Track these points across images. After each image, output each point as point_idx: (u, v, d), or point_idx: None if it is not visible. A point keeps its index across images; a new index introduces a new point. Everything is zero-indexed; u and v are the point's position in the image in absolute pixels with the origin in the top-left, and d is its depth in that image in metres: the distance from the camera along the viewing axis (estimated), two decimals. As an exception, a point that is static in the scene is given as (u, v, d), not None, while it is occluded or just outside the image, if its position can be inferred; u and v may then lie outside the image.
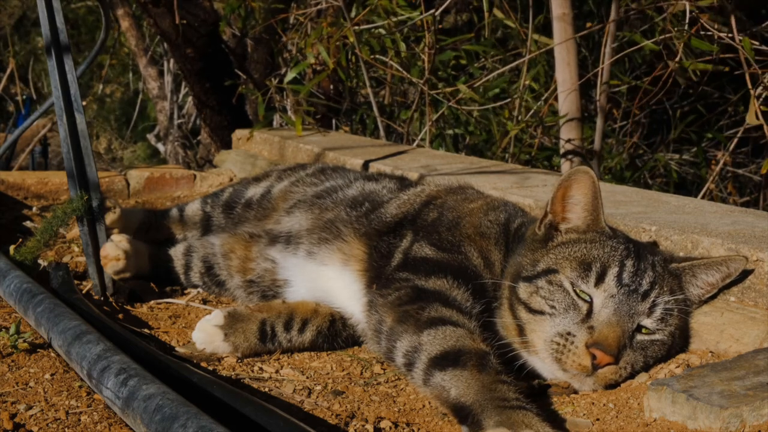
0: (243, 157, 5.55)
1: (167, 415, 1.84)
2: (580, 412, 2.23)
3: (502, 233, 2.71)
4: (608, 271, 2.38)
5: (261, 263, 3.09)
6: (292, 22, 6.68)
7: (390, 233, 2.82)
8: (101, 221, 3.23)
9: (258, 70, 6.94)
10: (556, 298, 2.38)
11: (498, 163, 4.61)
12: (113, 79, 11.84)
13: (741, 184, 7.07)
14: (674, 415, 2.03)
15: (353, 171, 3.63)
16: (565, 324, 2.34)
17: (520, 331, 2.43)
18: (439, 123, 6.20)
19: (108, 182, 5.12)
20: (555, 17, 4.95)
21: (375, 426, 2.14)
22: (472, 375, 2.10)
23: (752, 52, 3.85)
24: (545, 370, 2.39)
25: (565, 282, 2.39)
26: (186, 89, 8.48)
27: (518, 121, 5.47)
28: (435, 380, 2.15)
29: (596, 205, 2.49)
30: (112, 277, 3.22)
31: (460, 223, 2.75)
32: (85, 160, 3.19)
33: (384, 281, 2.60)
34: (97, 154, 10.69)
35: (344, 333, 2.81)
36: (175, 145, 8.36)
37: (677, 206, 3.15)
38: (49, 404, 2.16)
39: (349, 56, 5.99)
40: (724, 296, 2.51)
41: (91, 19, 11.53)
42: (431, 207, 2.93)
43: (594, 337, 2.28)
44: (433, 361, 2.19)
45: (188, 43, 6.16)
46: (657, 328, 2.38)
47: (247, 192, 3.60)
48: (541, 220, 2.58)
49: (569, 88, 4.95)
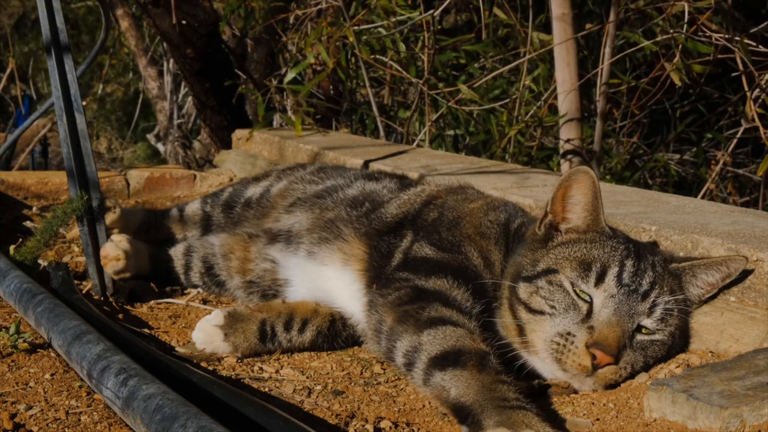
0: (243, 157, 5.55)
1: (167, 415, 1.84)
2: (580, 412, 2.23)
3: (502, 233, 2.71)
4: (608, 271, 2.38)
5: (260, 264, 3.09)
6: (292, 22, 6.68)
7: (390, 233, 2.82)
8: (101, 221, 3.23)
9: (258, 70, 6.94)
10: (556, 298, 2.38)
11: (498, 163, 4.61)
12: (113, 79, 11.84)
13: (741, 184, 7.06)
14: (674, 415, 2.03)
15: (353, 170, 3.63)
16: (565, 324, 2.34)
17: (520, 331, 2.43)
18: (439, 123, 6.20)
19: (108, 182, 5.12)
20: (554, 17, 4.94)
21: (375, 426, 2.14)
22: (472, 375, 2.10)
23: (748, 53, 3.85)
24: (545, 370, 2.39)
25: (565, 282, 2.39)
26: (186, 89, 8.48)
27: (518, 121, 5.47)
28: (435, 380, 2.15)
29: (596, 205, 2.49)
30: (112, 277, 3.22)
31: (461, 223, 2.75)
32: (85, 160, 3.19)
33: (384, 281, 2.60)
34: (98, 154, 10.69)
35: (344, 333, 2.81)
36: (175, 145, 8.36)
37: (677, 206, 3.15)
38: (49, 404, 2.16)
39: (348, 56, 5.99)
40: (724, 296, 2.51)
41: (91, 19, 11.53)
42: (431, 207, 2.93)
43: (594, 337, 2.28)
44: (433, 361, 2.19)
45: (188, 43, 6.16)
46: (657, 328, 2.38)
47: (247, 191, 3.60)
48: (541, 220, 2.58)
49: (569, 89, 4.95)
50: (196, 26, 6.12)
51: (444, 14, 7.43)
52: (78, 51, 11.43)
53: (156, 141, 9.54)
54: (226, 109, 6.60)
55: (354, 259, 2.80)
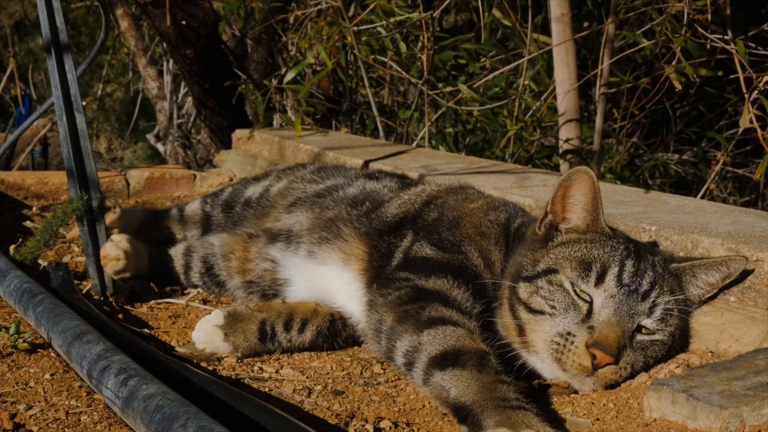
0: (243, 157, 5.55)
1: (167, 415, 1.84)
2: (580, 412, 2.23)
3: (502, 233, 2.71)
4: (608, 271, 2.38)
5: (260, 264, 3.09)
6: (292, 23, 6.68)
7: (390, 233, 2.82)
8: (101, 221, 3.23)
9: (258, 71, 6.93)
10: (557, 298, 2.38)
11: (498, 162, 4.61)
12: (113, 79, 11.84)
13: (741, 184, 7.06)
14: (674, 415, 2.03)
15: (354, 170, 3.63)
16: (565, 324, 2.34)
17: (520, 331, 2.43)
18: (439, 123, 6.20)
19: (108, 182, 5.12)
20: (553, 18, 4.95)
21: (375, 426, 2.14)
22: (471, 375, 2.10)
23: (746, 56, 3.84)
24: (545, 370, 2.39)
25: (565, 282, 2.39)
26: (186, 89, 8.47)
27: (517, 121, 5.47)
28: (435, 380, 2.15)
29: (596, 206, 2.49)
30: (112, 276, 3.22)
31: (461, 222, 2.76)
32: (85, 160, 3.19)
33: (384, 281, 2.60)
34: (98, 154, 10.69)
35: (344, 333, 2.81)
36: (175, 145, 8.35)
37: (677, 206, 3.15)
38: (49, 404, 2.16)
39: (348, 56, 5.98)
40: (724, 296, 2.51)
41: (91, 19, 11.52)
42: (432, 207, 2.93)
43: (594, 338, 2.28)
44: (433, 361, 2.19)
45: (187, 43, 6.15)
46: (657, 328, 2.38)
47: (247, 191, 3.60)
48: (542, 220, 2.58)
49: (568, 89, 4.95)
50: (196, 27, 6.11)
51: (444, 14, 7.42)
52: (78, 51, 11.42)
53: (156, 141, 9.53)
54: (226, 110, 6.59)
55: (354, 259, 2.80)
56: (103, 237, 3.23)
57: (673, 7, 4.30)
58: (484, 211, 2.81)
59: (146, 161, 10.30)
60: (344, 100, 6.77)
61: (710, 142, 7.05)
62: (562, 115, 5.00)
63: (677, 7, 4.23)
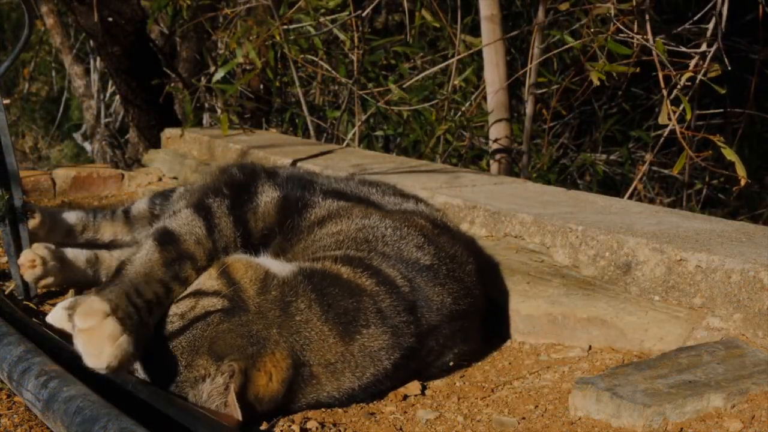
0: (172, 156, 5.49)
1: (88, 417, 1.81)
2: (505, 411, 2.24)
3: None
4: None
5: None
6: (222, 21, 6.62)
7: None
8: (24, 220, 3.16)
9: (187, 69, 6.86)
10: None
11: (428, 163, 4.61)
12: (37, 77, 11.64)
13: (667, 184, 7.18)
14: (599, 414, 2.05)
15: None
16: None
17: None
18: (369, 123, 6.20)
19: (34, 181, 5.02)
20: (483, 18, 4.97)
21: (301, 426, 2.13)
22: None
23: (665, 54, 3.90)
24: None
25: None
26: (113, 88, 8.36)
27: (446, 121, 5.48)
28: None
29: None
30: (33, 285, 3.15)
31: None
32: (6, 159, 3.11)
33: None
34: (23, 153, 10.51)
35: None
36: (102, 144, 8.23)
37: (604, 206, 3.18)
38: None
39: (278, 55, 5.95)
40: (648, 295, 2.54)
41: (16, 15, 11.31)
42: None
43: None
44: None
45: (114, 41, 6.05)
46: None
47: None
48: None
49: (497, 88, 4.98)
50: (123, 24, 6.02)
51: (375, 14, 7.43)
52: (2, 48, 11.22)
53: (83, 140, 9.40)
54: (154, 108, 6.50)
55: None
56: (26, 237, 3.16)
57: (596, 9, 4.35)
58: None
59: (73, 160, 10.14)
60: (275, 100, 6.74)
61: (638, 142, 7.16)
62: (491, 114, 5.03)
63: (602, 9, 4.28)
